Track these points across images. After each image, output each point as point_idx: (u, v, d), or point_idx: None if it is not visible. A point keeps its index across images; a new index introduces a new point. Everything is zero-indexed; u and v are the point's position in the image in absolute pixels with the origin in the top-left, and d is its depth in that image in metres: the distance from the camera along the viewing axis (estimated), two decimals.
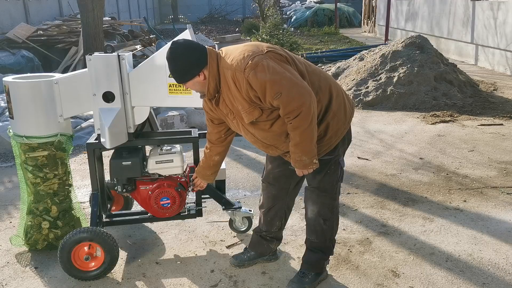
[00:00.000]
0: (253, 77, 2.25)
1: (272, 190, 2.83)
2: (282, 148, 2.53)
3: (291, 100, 2.27)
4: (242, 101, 2.35)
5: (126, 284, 2.81)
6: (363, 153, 5.06)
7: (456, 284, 2.75)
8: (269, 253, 2.98)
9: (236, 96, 2.36)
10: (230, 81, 2.34)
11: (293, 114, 2.29)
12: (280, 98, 2.26)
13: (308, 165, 2.42)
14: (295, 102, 2.27)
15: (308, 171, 2.45)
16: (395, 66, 7.44)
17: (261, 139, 2.51)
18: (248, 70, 2.26)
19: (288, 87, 2.27)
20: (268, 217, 2.88)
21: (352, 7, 24.00)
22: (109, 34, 12.22)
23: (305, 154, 2.37)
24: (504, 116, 6.35)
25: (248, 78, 2.26)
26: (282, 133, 2.44)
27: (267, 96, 2.28)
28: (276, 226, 2.90)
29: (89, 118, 5.93)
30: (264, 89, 2.26)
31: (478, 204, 3.77)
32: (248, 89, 2.29)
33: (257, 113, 2.37)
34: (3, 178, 4.60)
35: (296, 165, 2.45)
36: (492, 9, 10.09)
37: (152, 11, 29.15)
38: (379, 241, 3.25)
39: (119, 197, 3.49)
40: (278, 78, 2.26)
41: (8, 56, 9.69)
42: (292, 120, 2.31)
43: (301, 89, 2.30)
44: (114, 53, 2.77)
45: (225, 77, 2.36)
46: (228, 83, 2.35)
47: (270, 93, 2.27)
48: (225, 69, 2.35)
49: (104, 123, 2.72)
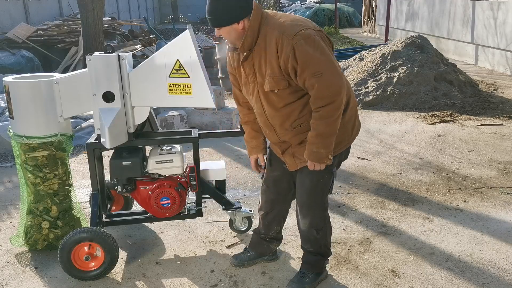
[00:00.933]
0: (301, 46, 2.16)
1: (270, 194, 2.79)
2: (279, 134, 2.46)
3: (329, 85, 2.19)
4: (275, 66, 2.24)
5: (126, 284, 2.81)
6: (363, 153, 5.06)
7: (456, 284, 2.75)
8: (269, 253, 2.97)
9: (270, 59, 2.24)
10: (271, 42, 2.22)
11: (325, 101, 2.21)
12: (319, 78, 2.17)
13: (323, 159, 2.34)
14: (333, 88, 2.20)
15: (321, 166, 2.38)
16: (395, 66, 7.44)
17: (267, 114, 2.43)
18: (298, 37, 2.16)
19: (331, 71, 2.20)
20: (266, 221, 2.86)
21: (352, 7, 24.02)
22: (109, 34, 12.23)
23: (325, 147, 2.31)
24: (504, 116, 6.36)
25: (295, 45, 2.16)
26: (289, 118, 2.37)
27: (306, 71, 2.18)
28: (274, 230, 2.89)
29: (89, 118, 5.93)
30: (307, 63, 2.17)
31: (478, 204, 3.77)
32: (289, 57, 2.18)
33: (283, 85, 2.27)
34: (3, 178, 4.60)
35: (311, 157, 2.35)
36: (492, 9, 10.09)
37: (152, 11, 29.15)
38: (379, 241, 3.25)
39: (119, 197, 3.49)
40: (324, 58, 2.19)
41: (8, 56, 9.70)
42: (322, 108, 2.23)
43: (340, 79, 2.23)
44: (114, 53, 2.77)
45: (265, 36, 2.25)
46: (267, 43, 2.23)
47: (312, 69, 2.17)
48: (271, 28, 2.23)
49: (104, 123, 2.72)
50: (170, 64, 2.72)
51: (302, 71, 2.20)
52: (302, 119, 2.39)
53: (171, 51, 2.71)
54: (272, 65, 2.25)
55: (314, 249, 2.71)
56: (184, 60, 2.69)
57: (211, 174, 3.18)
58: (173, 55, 2.70)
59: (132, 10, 23.87)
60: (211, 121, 5.98)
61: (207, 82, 2.74)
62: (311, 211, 2.61)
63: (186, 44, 2.68)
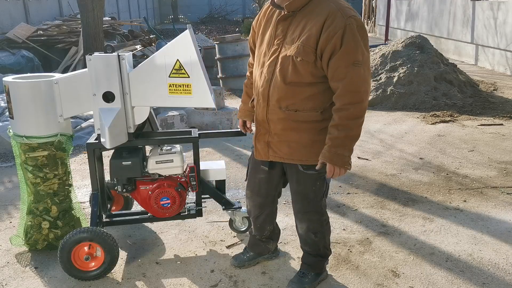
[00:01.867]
0: (353, 29, 2.06)
1: (258, 198, 2.69)
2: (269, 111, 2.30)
3: (364, 80, 2.10)
4: (313, 36, 2.10)
5: (126, 284, 2.81)
6: (363, 153, 5.06)
7: (456, 284, 2.75)
8: (268, 252, 2.96)
9: (312, 27, 2.11)
10: (323, 11, 2.10)
11: (356, 98, 2.10)
12: (358, 68, 2.07)
13: (346, 164, 2.20)
14: (366, 85, 2.11)
15: (340, 173, 2.22)
16: (395, 66, 7.44)
17: (273, 83, 2.26)
18: (353, 20, 2.07)
19: (368, 67, 2.12)
20: (257, 223, 2.81)
21: (352, 7, 23.98)
22: (109, 34, 12.23)
23: (350, 150, 2.19)
24: (504, 116, 6.36)
25: (347, 26, 2.05)
26: (291, 97, 2.22)
27: (346, 56, 2.06)
28: (267, 230, 2.84)
29: (89, 118, 5.92)
30: (352, 48, 2.06)
31: (478, 204, 3.77)
32: (336, 34, 2.05)
33: (310, 57, 2.12)
34: (3, 178, 4.60)
35: (334, 160, 2.18)
36: (492, 9, 10.09)
37: (152, 11, 29.15)
38: (379, 241, 3.25)
39: (119, 197, 3.49)
40: (367, 53, 2.12)
41: (8, 56, 9.70)
42: (352, 106, 2.10)
43: (370, 80, 2.17)
44: (114, 53, 2.77)
45: (318, 4, 2.14)
46: (318, 11, 2.12)
47: (353, 57, 2.06)
48: (328, 1, 2.13)
49: (104, 123, 2.72)
50: (170, 64, 2.71)
51: (342, 55, 2.06)
52: (301, 106, 2.25)
53: (171, 51, 2.71)
54: (311, 33, 2.10)
55: (313, 250, 2.70)
56: (184, 60, 2.69)
57: (211, 174, 3.18)
58: (173, 55, 2.70)
59: (132, 10, 23.87)
60: (211, 121, 5.98)
61: (207, 82, 2.74)
62: (307, 217, 2.59)
63: (186, 44, 2.68)
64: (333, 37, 2.06)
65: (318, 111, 2.25)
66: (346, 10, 2.11)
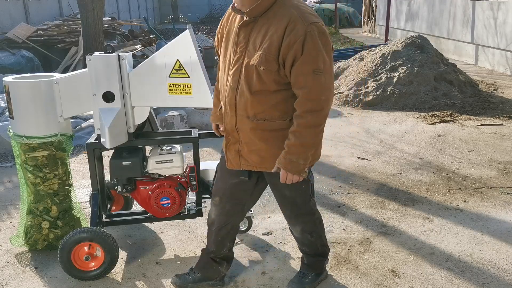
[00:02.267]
0: (314, 36, 2.03)
1: (226, 205, 2.52)
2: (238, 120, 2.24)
3: (325, 88, 2.07)
4: (274, 44, 2.07)
5: (126, 284, 2.81)
6: (363, 153, 5.06)
7: (456, 284, 2.75)
8: (216, 277, 2.70)
9: (273, 34, 2.07)
10: (283, 18, 2.07)
11: (316, 106, 2.07)
12: (319, 76, 2.04)
13: (301, 171, 2.18)
14: (327, 93, 2.08)
15: (294, 178, 2.20)
16: (395, 66, 7.45)
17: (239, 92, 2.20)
18: (314, 27, 2.03)
19: (330, 75, 2.10)
20: (219, 236, 2.59)
21: (352, 7, 24.00)
22: (109, 34, 12.23)
23: (305, 158, 2.16)
24: (504, 116, 6.36)
25: (308, 33, 2.02)
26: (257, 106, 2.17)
27: (308, 64, 2.03)
28: (227, 247, 2.65)
29: (89, 118, 5.92)
30: (313, 56, 2.03)
31: (478, 204, 3.77)
32: (296, 41, 2.02)
33: (273, 66, 2.08)
34: (3, 178, 4.60)
35: (288, 167, 2.16)
36: (492, 9, 10.09)
37: (152, 11, 29.15)
38: (379, 241, 3.25)
39: (119, 197, 3.49)
40: (329, 60, 2.08)
41: (8, 56, 9.70)
42: (310, 115, 2.08)
43: (333, 89, 2.15)
44: (114, 53, 2.77)
45: (278, 10, 2.09)
46: (278, 18, 2.08)
47: (314, 65, 2.04)
48: (288, 6, 2.09)
49: (104, 123, 2.72)
50: (170, 64, 2.72)
51: (303, 62, 2.04)
52: (269, 115, 2.19)
53: (171, 51, 2.71)
54: (272, 41, 2.07)
55: (311, 250, 2.70)
56: (184, 60, 2.69)
57: (211, 174, 3.18)
58: (173, 55, 2.70)
59: (132, 10, 23.88)
60: None
61: (207, 82, 2.74)
62: (299, 220, 2.56)
63: (186, 44, 2.68)
64: (294, 45, 2.03)
65: (286, 119, 2.20)
66: (307, 17, 2.07)
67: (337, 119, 6.53)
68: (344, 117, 6.61)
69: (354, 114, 6.76)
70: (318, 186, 4.18)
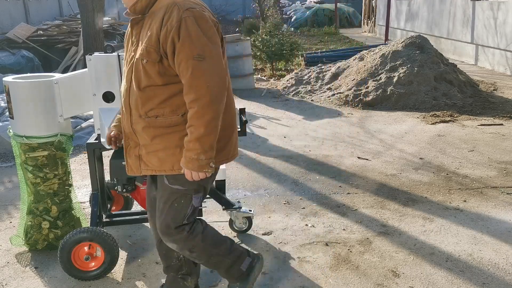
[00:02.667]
0: (190, 21, 1.94)
1: (152, 219, 2.39)
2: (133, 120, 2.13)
3: (207, 74, 1.93)
4: (154, 34, 1.99)
5: (126, 284, 2.81)
6: (363, 153, 5.07)
7: (456, 284, 2.75)
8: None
9: (153, 25, 2.01)
10: (162, 8, 2.01)
11: (199, 92, 1.93)
12: (199, 62, 1.93)
13: (204, 167, 2.00)
14: (212, 79, 1.94)
15: (204, 175, 2.04)
16: (395, 66, 7.45)
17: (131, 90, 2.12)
18: (189, 13, 1.95)
19: (215, 60, 1.97)
20: (162, 250, 2.45)
21: (352, 7, 24.00)
22: (109, 34, 12.23)
23: (204, 152, 1.98)
24: (504, 116, 6.36)
25: (183, 19, 1.94)
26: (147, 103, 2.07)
27: (186, 50, 1.93)
28: (175, 258, 2.44)
29: (89, 118, 5.93)
30: (190, 41, 1.93)
31: (478, 204, 3.77)
32: (173, 29, 1.94)
33: (154, 57, 1.99)
34: (3, 178, 4.60)
35: (189, 165, 2.01)
36: (492, 9, 10.09)
37: None
38: (379, 241, 3.25)
39: (119, 197, 3.49)
40: (211, 44, 1.96)
41: (8, 56, 9.71)
42: (196, 103, 1.94)
43: (223, 73, 2.00)
44: (114, 53, 2.77)
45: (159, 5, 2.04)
46: (159, 11, 2.03)
47: (193, 50, 1.93)
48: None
49: (104, 123, 2.72)
50: None
51: (181, 49, 1.93)
52: (160, 111, 2.07)
53: None
54: (152, 32, 1.99)
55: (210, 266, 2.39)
56: None
57: None
58: None
59: None
60: None
61: None
62: (170, 239, 2.22)
63: None
64: (170, 32, 1.94)
65: (179, 114, 2.07)
66: (183, 3, 1.98)
67: (337, 119, 6.53)
68: (344, 117, 6.61)
69: (354, 114, 6.76)
70: (318, 186, 4.18)
